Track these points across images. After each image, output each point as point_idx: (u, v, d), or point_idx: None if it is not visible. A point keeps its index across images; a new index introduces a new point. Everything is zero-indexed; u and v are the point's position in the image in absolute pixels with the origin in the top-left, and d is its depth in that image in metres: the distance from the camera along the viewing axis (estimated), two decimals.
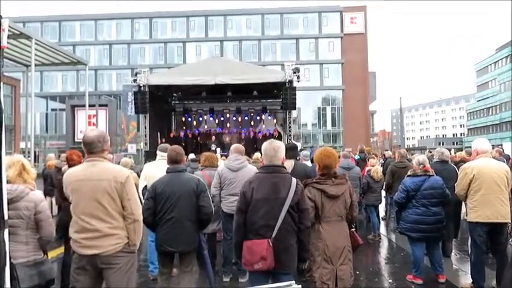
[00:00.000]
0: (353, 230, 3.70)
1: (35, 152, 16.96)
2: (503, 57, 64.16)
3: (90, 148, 3.03)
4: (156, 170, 5.07)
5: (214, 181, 5.27)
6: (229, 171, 5.21)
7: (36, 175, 3.37)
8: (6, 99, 25.97)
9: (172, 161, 4.01)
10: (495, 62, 67.80)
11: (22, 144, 24.08)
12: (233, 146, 5.56)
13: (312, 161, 7.14)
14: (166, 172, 3.97)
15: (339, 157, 7.33)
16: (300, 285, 2.07)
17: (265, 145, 3.36)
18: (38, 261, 3.18)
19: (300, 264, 3.25)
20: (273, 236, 3.07)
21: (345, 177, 3.64)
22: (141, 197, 5.14)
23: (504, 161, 6.47)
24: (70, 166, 4.64)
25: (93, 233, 2.91)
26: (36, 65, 11.99)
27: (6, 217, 2.44)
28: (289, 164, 5.17)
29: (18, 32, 10.69)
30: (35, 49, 11.22)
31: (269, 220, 3.10)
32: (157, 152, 5.72)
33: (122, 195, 2.95)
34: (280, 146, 3.34)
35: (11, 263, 2.85)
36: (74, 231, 2.99)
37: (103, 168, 3.00)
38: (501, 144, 39.12)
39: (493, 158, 5.17)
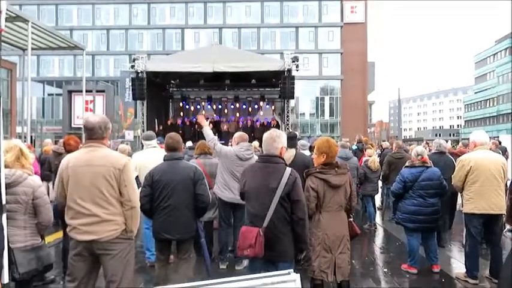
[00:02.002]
0: (351, 219, 3.73)
1: (31, 137, 16.86)
2: (503, 49, 63.95)
3: (91, 134, 3.01)
4: (147, 159, 5.02)
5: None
6: (238, 159, 5.07)
7: (33, 160, 3.36)
8: (2, 83, 25.77)
9: (170, 148, 3.98)
10: (494, 54, 67.60)
11: (18, 129, 23.96)
12: (238, 135, 5.39)
13: (310, 150, 7.13)
14: (164, 160, 3.95)
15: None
16: (298, 274, 2.08)
17: (265, 134, 3.35)
18: (36, 246, 3.20)
19: (297, 254, 3.24)
20: (265, 225, 3.06)
21: (346, 167, 3.65)
22: None
23: (500, 153, 6.48)
24: (67, 151, 4.62)
25: (90, 218, 2.90)
26: (32, 49, 11.84)
27: (4, 202, 2.44)
28: (290, 154, 4.99)
29: (14, 15, 10.53)
30: (32, 33, 11.06)
31: (260, 210, 3.10)
32: (143, 141, 5.58)
33: (119, 182, 2.94)
34: (280, 135, 3.31)
35: (9, 248, 2.87)
36: (70, 217, 2.97)
37: (102, 155, 2.98)
38: (497, 136, 39.20)
39: (490, 150, 5.19)
